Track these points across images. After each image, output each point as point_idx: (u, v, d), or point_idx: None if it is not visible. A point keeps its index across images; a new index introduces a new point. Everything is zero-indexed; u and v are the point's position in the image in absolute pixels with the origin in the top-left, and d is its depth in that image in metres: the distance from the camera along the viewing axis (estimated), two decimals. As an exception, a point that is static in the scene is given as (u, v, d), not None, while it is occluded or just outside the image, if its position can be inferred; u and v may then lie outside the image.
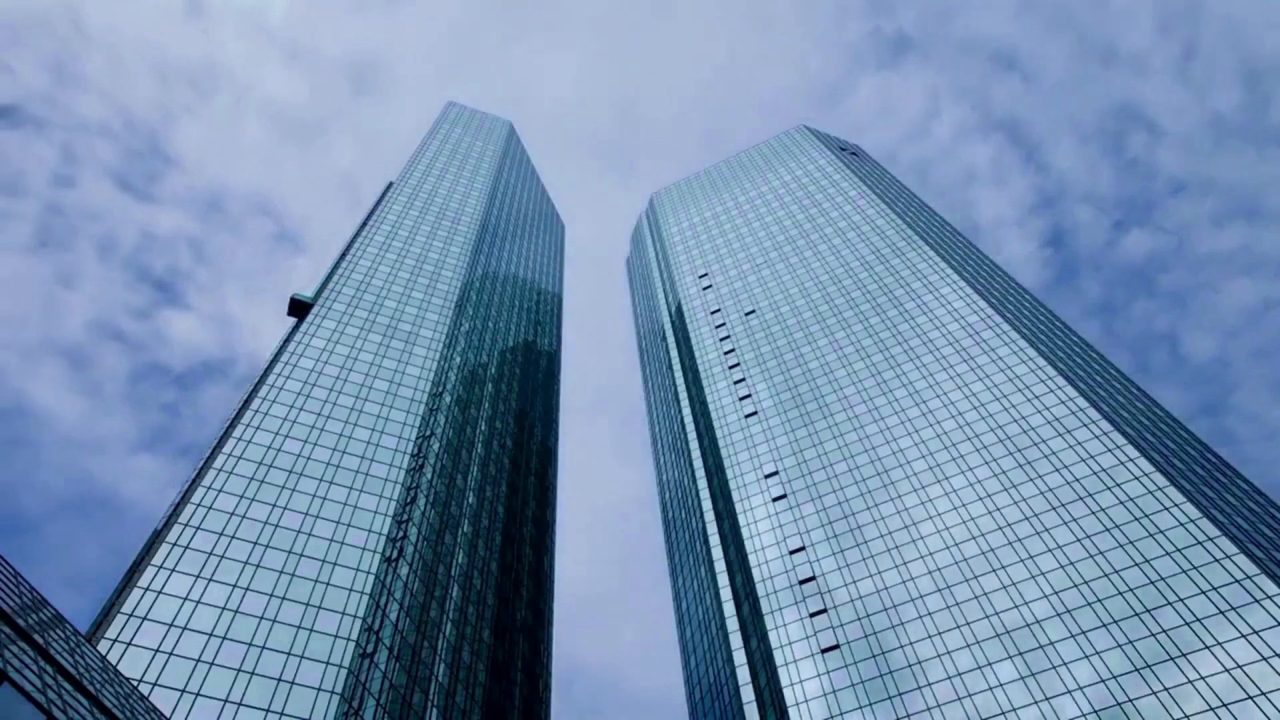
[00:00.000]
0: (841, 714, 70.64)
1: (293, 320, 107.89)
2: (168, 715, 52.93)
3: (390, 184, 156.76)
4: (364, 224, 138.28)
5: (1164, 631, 64.62)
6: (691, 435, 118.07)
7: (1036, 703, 64.45)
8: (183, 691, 57.34)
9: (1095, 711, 61.94)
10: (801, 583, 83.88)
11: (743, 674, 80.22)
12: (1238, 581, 65.32)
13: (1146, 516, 73.54)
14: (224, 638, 62.24)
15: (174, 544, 67.98)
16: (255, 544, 70.96)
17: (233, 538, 70.65)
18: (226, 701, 58.12)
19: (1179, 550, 69.59)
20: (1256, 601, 63.46)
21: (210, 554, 68.38)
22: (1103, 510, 76.01)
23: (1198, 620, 64.22)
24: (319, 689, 61.28)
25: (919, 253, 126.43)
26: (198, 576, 66.06)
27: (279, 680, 60.88)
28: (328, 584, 70.10)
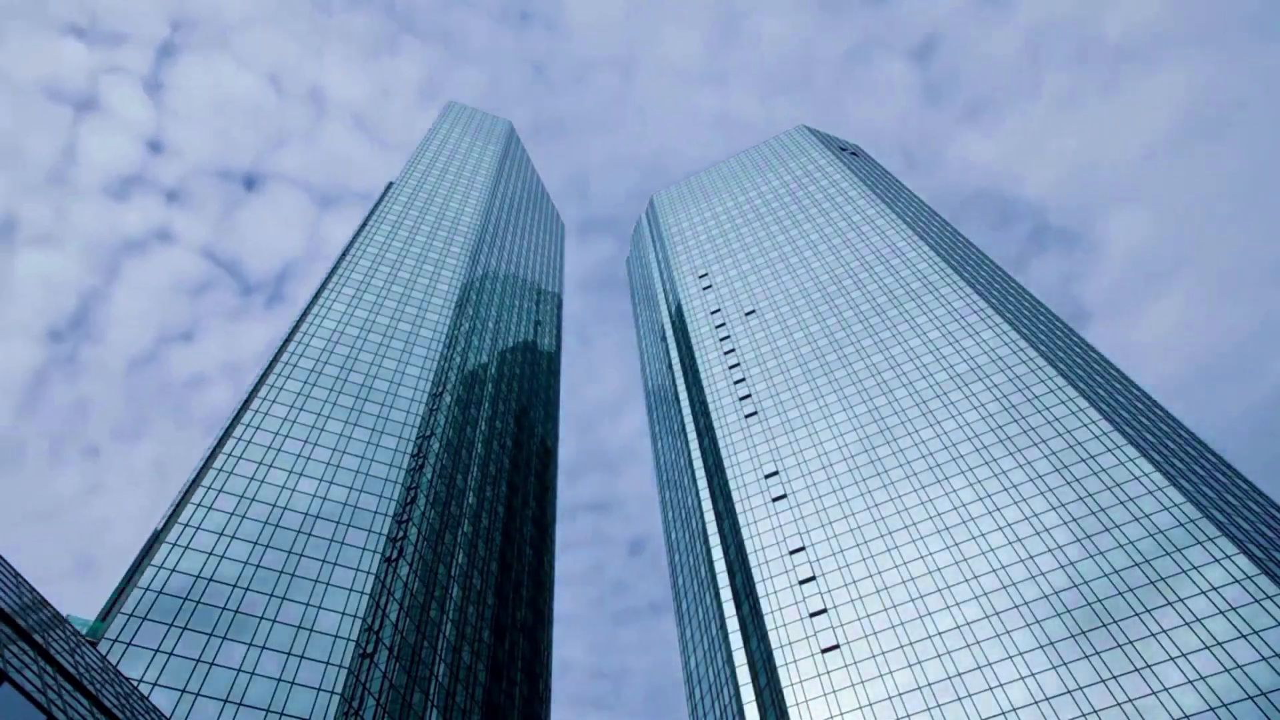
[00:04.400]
0: (841, 714, 70.65)
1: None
2: (168, 715, 52.93)
3: (390, 184, 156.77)
4: (364, 224, 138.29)
5: (1164, 631, 64.62)
6: (691, 435, 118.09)
7: (1036, 703, 64.45)
8: (183, 691, 57.36)
9: (1095, 711, 61.95)
10: (801, 583, 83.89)
11: (743, 674, 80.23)
12: (1238, 581, 65.32)
13: (1146, 516, 73.55)
14: (224, 637, 62.27)
15: (174, 544, 68.00)
16: (255, 544, 70.99)
17: (233, 537, 70.68)
18: (226, 701, 58.14)
19: (1179, 550, 69.60)
20: (1256, 601, 63.47)
21: (210, 554, 68.41)
22: (1103, 510, 76.02)
23: (1198, 620, 64.22)
24: (319, 689, 61.30)
25: (919, 252, 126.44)
26: (198, 576, 66.09)
27: (279, 680, 60.90)
28: (328, 584, 70.12)
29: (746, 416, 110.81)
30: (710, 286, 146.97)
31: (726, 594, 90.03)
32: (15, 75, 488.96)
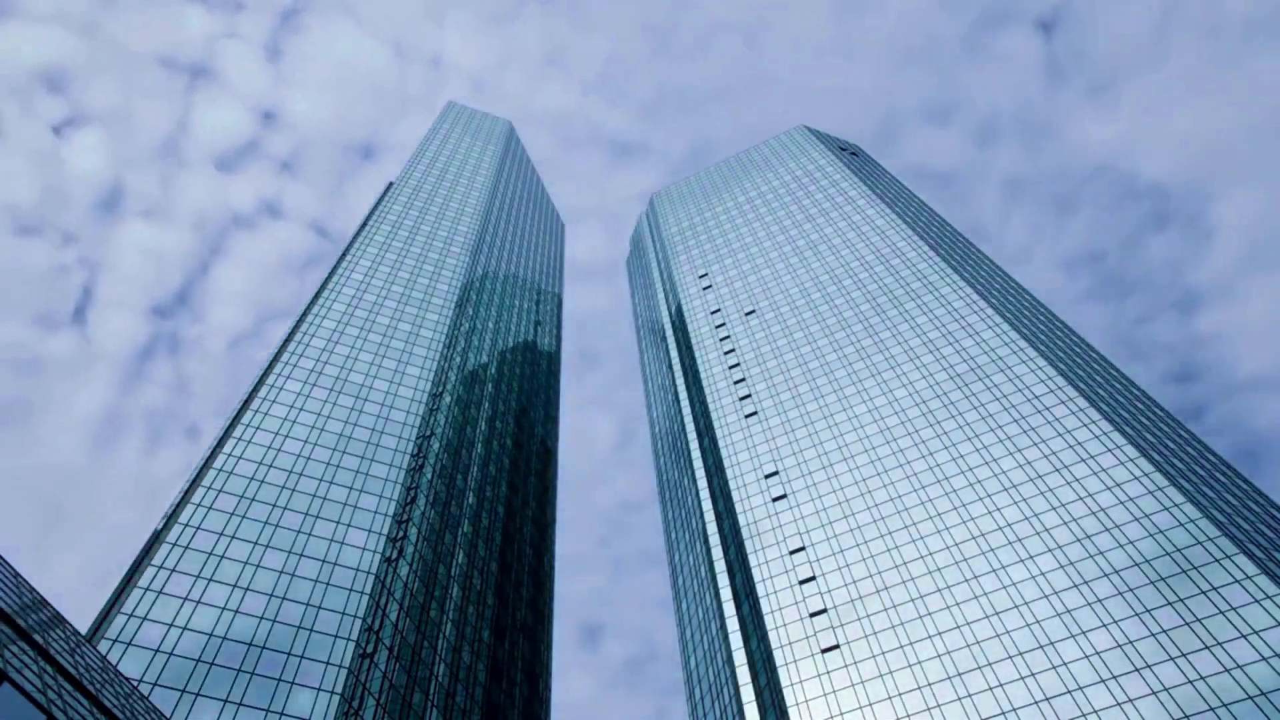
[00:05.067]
0: (841, 714, 70.65)
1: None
2: (168, 715, 52.92)
3: (390, 184, 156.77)
4: (364, 224, 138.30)
5: (1164, 631, 64.62)
6: (691, 435, 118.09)
7: (1036, 703, 64.46)
8: (183, 691, 57.35)
9: (1095, 711, 61.95)
10: (801, 583, 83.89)
11: (743, 674, 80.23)
12: (1238, 581, 65.32)
13: (1146, 516, 73.54)
14: (224, 638, 62.25)
15: (174, 544, 67.99)
16: (255, 544, 70.97)
17: (233, 538, 70.66)
18: (226, 701, 58.13)
19: (1179, 550, 69.59)
20: (1256, 601, 63.47)
21: (210, 554, 68.39)
22: (1103, 510, 76.01)
23: (1198, 620, 64.22)
24: (319, 689, 61.30)
25: (919, 253, 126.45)
26: (198, 576, 66.07)
27: (279, 680, 60.89)
28: (328, 584, 70.11)
29: (746, 416, 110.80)
30: (710, 286, 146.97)
31: (726, 594, 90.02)
32: (130, 44, 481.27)
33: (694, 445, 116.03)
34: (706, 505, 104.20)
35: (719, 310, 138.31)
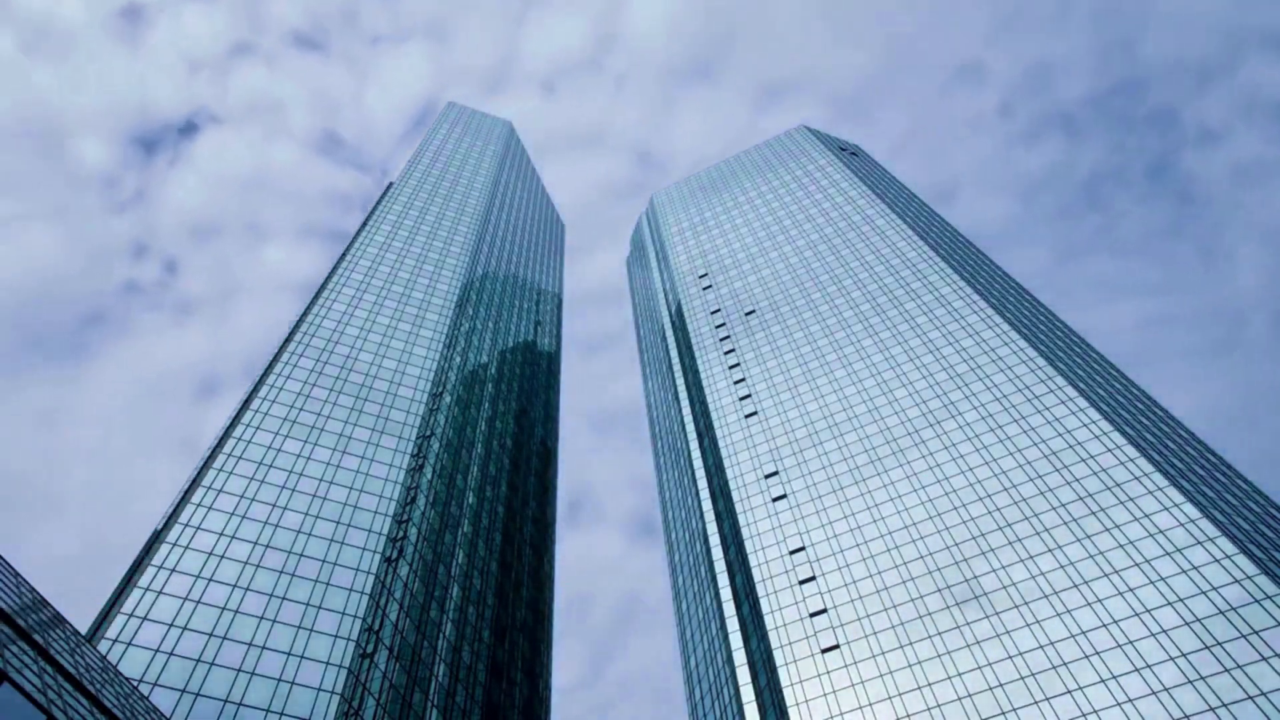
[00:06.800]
0: (841, 714, 70.64)
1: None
2: (168, 715, 52.93)
3: (390, 184, 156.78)
4: (364, 224, 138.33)
5: (1164, 631, 64.62)
6: (691, 435, 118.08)
7: (1037, 703, 64.46)
8: (183, 691, 57.36)
9: (1095, 711, 61.96)
10: (801, 583, 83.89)
11: (743, 674, 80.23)
12: (1237, 581, 65.33)
13: (1146, 516, 73.54)
14: (224, 638, 62.26)
15: (174, 544, 68.00)
16: (255, 544, 70.99)
17: (233, 538, 70.67)
18: (226, 701, 58.14)
19: (1179, 550, 69.60)
20: (1256, 601, 63.47)
21: (210, 554, 68.41)
22: (1103, 510, 76.02)
23: (1197, 620, 64.23)
24: (319, 689, 61.31)
25: (919, 253, 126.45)
26: (198, 576, 66.08)
27: (279, 680, 60.90)
28: (328, 584, 70.12)
29: (746, 416, 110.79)
30: (710, 286, 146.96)
31: (726, 594, 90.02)
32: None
33: (694, 445, 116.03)
34: (706, 505, 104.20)
35: (719, 310, 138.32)
